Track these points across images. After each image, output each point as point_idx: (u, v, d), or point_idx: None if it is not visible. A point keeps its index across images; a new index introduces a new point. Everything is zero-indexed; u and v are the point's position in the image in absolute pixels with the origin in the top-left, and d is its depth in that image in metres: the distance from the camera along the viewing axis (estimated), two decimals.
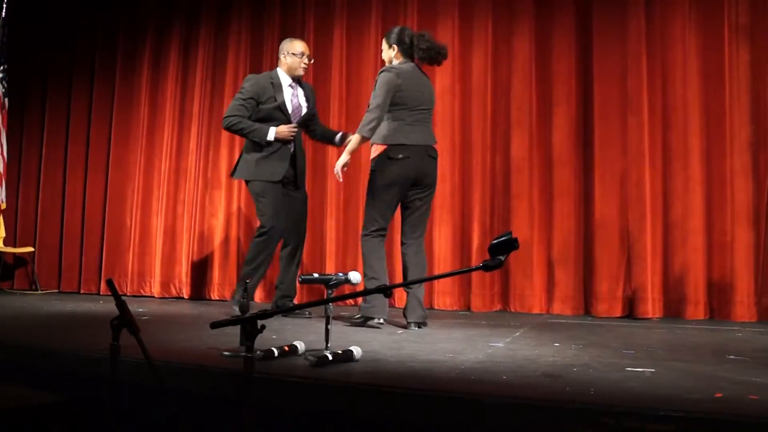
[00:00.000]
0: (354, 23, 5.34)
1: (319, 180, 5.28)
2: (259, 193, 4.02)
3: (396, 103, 3.48)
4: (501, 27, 4.86)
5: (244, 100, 4.03)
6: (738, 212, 4.14)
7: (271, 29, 5.63)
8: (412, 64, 3.62)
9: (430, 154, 3.57)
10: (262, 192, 4.01)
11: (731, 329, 3.58)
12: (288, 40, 4.24)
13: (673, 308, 4.22)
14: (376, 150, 3.52)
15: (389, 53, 3.67)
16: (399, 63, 3.62)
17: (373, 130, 3.46)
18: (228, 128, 4.08)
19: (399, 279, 4.60)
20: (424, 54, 3.55)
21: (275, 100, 4.04)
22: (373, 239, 3.52)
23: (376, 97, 3.47)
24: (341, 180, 3.78)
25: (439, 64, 3.66)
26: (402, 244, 3.59)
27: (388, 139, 3.47)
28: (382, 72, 3.56)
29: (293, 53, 4.12)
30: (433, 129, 3.71)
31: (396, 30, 3.69)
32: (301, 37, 5.47)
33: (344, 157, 3.61)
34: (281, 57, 4.16)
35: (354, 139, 3.59)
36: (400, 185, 3.49)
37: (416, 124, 3.53)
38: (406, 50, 3.61)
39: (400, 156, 3.44)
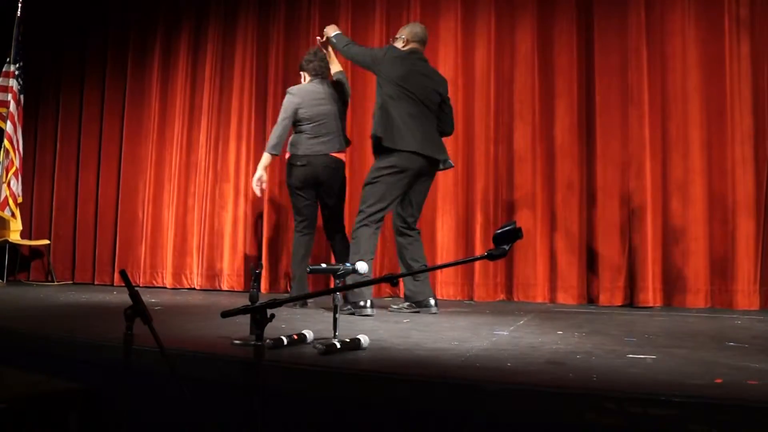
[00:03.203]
0: (359, 18, 5.36)
1: None
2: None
3: None
4: (503, 20, 4.89)
5: None
6: (739, 202, 4.15)
7: (277, 24, 5.69)
8: None
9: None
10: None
11: (731, 317, 3.59)
12: None
13: (674, 297, 4.25)
14: None
15: None
16: None
17: None
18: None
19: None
20: None
21: None
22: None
23: None
24: None
25: None
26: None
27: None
28: None
29: None
30: None
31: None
32: (306, 33, 5.51)
33: None
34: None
35: None
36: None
37: None
38: None
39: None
